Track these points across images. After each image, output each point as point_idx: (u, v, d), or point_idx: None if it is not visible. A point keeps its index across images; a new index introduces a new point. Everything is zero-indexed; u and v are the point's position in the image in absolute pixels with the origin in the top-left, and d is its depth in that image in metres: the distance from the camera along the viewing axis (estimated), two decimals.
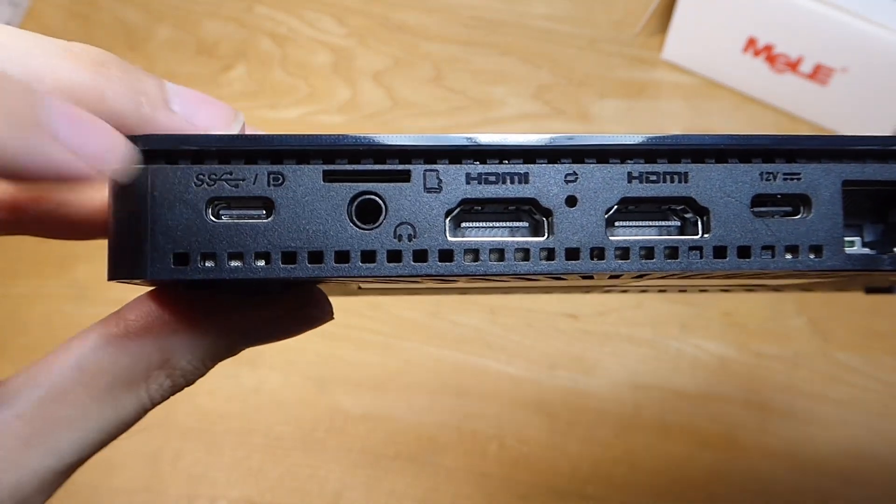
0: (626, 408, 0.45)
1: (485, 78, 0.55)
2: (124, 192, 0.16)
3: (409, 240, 0.16)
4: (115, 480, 0.43)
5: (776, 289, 0.31)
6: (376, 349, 0.47)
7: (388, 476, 0.44)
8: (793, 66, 0.50)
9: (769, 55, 0.50)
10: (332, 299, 0.20)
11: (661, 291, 0.32)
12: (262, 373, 0.46)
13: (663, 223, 0.17)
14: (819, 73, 0.49)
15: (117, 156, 0.15)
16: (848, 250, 0.16)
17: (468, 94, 0.55)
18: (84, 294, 0.48)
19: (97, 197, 0.21)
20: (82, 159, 0.14)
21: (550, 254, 0.16)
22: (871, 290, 0.30)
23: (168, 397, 0.18)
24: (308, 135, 0.16)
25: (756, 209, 0.16)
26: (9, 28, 0.15)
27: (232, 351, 0.19)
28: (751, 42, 0.50)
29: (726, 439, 0.44)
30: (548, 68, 0.55)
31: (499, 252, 0.16)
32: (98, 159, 0.14)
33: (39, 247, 0.50)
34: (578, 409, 0.45)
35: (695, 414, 0.45)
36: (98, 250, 0.17)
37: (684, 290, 0.32)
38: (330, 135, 0.16)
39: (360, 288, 0.24)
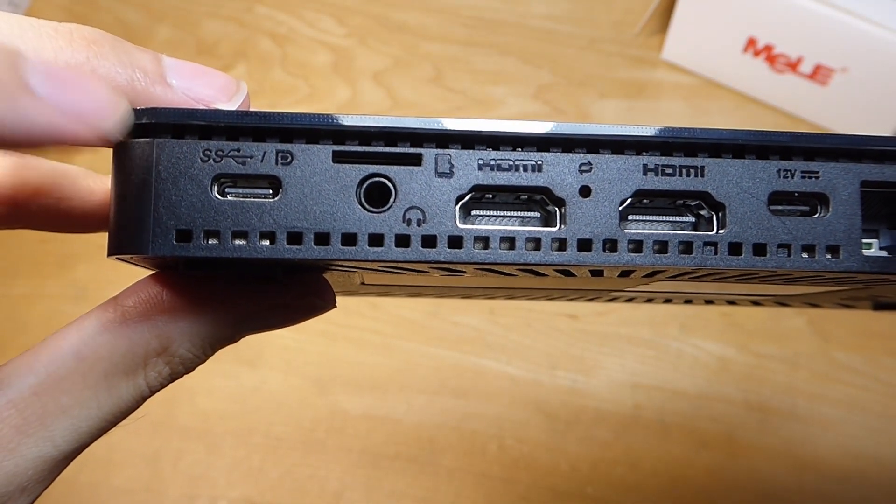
0: (626, 408, 0.45)
1: (485, 78, 0.55)
2: (128, 166, 0.15)
3: (419, 224, 0.15)
4: (115, 480, 0.43)
5: (782, 303, 0.30)
6: (376, 349, 0.47)
7: (388, 476, 0.44)
8: (793, 66, 0.50)
9: (769, 55, 0.50)
10: (337, 295, 0.20)
11: (666, 301, 0.31)
12: (262, 373, 0.46)
13: (677, 218, 0.17)
14: (819, 74, 0.49)
15: (110, 113, 0.14)
16: (865, 252, 0.16)
17: (468, 94, 0.55)
18: (84, 294, 0.48)
19: (98, 190, 0.21)
20: (72, 119, 0.14)
21: (562, 244, 0.16)
22: (879, 307, 0.29)
23: (166, 385, 0.17)
24: (319, 114, 0.15)
25: (773, 207, 0.16)
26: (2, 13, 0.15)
27: (233, 338, 0.18)
28: (751, 42, 0.50)
29: (726, 439, 0.44)
30: (548, 68, 0.55)
31: (509, 241, 0.16)
32: (89, 118, 0.14)
33: (39, 247, 0.50)
34: (578, 409, 0.45)
35: (695, 414, 0.45)
36: (98, 250, 0.17)
37: (690, 301, 0.31)
38: (341, 114, 0.16)
39: (363, 283, 0.24)
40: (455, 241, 0.15)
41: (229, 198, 0.15)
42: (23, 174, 0.20)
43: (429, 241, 0.15)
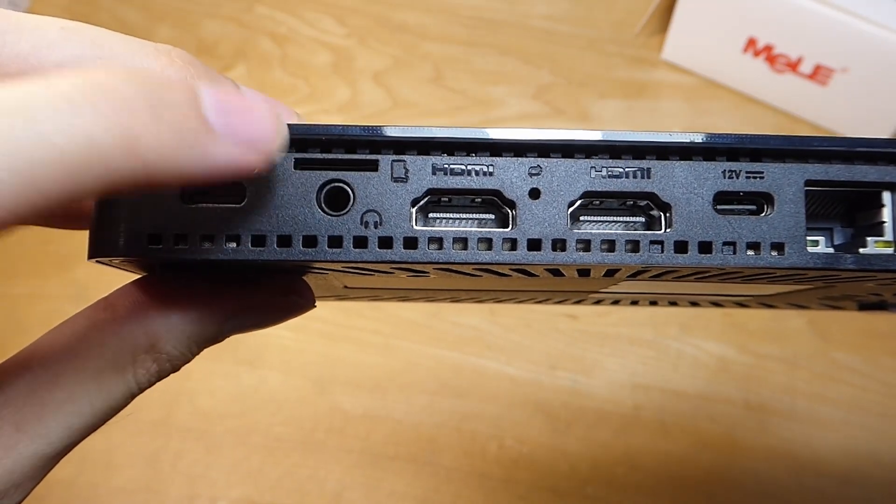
0: (626, 408, 0.45)
1: (485, 78, 0.55)
2: None
3: (375, 227, 0.16)
4: (115, 481, 0.43)
5: (767, 305, 0.30)
6: (376, 349, 0.47)
7: (388, 476, 0.44)
8: (793, 66, 0.50)
9: (769, 55, 0.50)
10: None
11: (652, 304, 0.32)
12: (262, 373, 0.46)
13: (630, 219, 0.17)
14: (819, 74, 0.49)
15: (276, 134, 0.14)
16: (811, 249, 0.16)
17: (468, 94, 0.55)
18: (84, 294, 0.48)
19: None
20: (244, 149, 0.13)
21: (513, 244, 0.16)
22: (864, 307, 0.29)
23: (154, 383, 0.18)
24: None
25: (719, 206, 0.16)
26: (105, 30, 0.16)
27: (218, 338, 0.19)
28: (751, 42, 0.50)
29: (726, 439, 0.44)
30: (548, 68, 0.55)
31: (462, 241, 0.16)
32: (259, 144, 0.14)
33: (39, 247, 0.50)
34: (578, 409, 0.45)
35: (695, 414, 0.45)
36: None
37: (675, 304, 0.32)
38: (302, 124, 0.16)
39: (346, 287, 0.24)
40: (410, 242, 0.16)
41: (198, 204, 0.16)
42: None
43: (385, 243, 0.16)
